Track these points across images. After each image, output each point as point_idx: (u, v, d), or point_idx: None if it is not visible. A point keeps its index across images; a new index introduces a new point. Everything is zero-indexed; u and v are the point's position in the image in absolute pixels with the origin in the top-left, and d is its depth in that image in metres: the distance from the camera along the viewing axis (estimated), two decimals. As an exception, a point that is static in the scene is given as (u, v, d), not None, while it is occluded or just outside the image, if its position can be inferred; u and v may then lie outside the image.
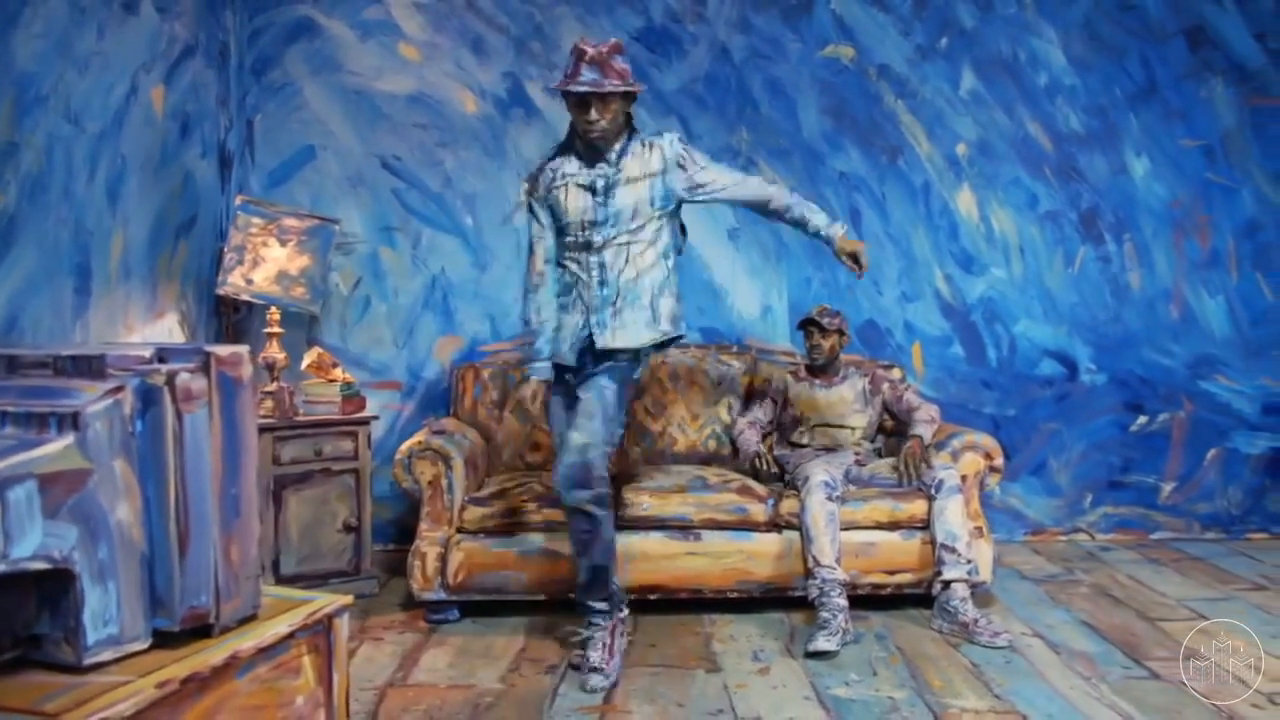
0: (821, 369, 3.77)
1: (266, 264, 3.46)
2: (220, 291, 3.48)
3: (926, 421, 3.58)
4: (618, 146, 2.87)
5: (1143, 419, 4.48)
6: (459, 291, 4.30)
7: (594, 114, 2.76)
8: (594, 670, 2.78)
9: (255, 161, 4.23)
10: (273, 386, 3.51)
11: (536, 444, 3.90)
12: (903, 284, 4.41)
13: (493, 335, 4.31)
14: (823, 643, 3.00)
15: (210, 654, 1.47)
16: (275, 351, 3.56)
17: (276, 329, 3.59)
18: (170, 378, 1.47)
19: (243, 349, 1.60)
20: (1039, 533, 4.47)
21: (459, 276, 4.30)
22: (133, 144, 3.40)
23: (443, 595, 3.31)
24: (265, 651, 1.57)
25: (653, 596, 3.33)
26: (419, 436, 3.45)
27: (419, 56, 4.24)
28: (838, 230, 2.97)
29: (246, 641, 1.53)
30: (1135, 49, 4.41)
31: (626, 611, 3.00)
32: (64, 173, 2.99)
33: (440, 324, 4.31)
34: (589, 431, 2.78)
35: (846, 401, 3.76)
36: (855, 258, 2.98)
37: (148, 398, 1.46)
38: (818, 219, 2.98)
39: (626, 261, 2.87)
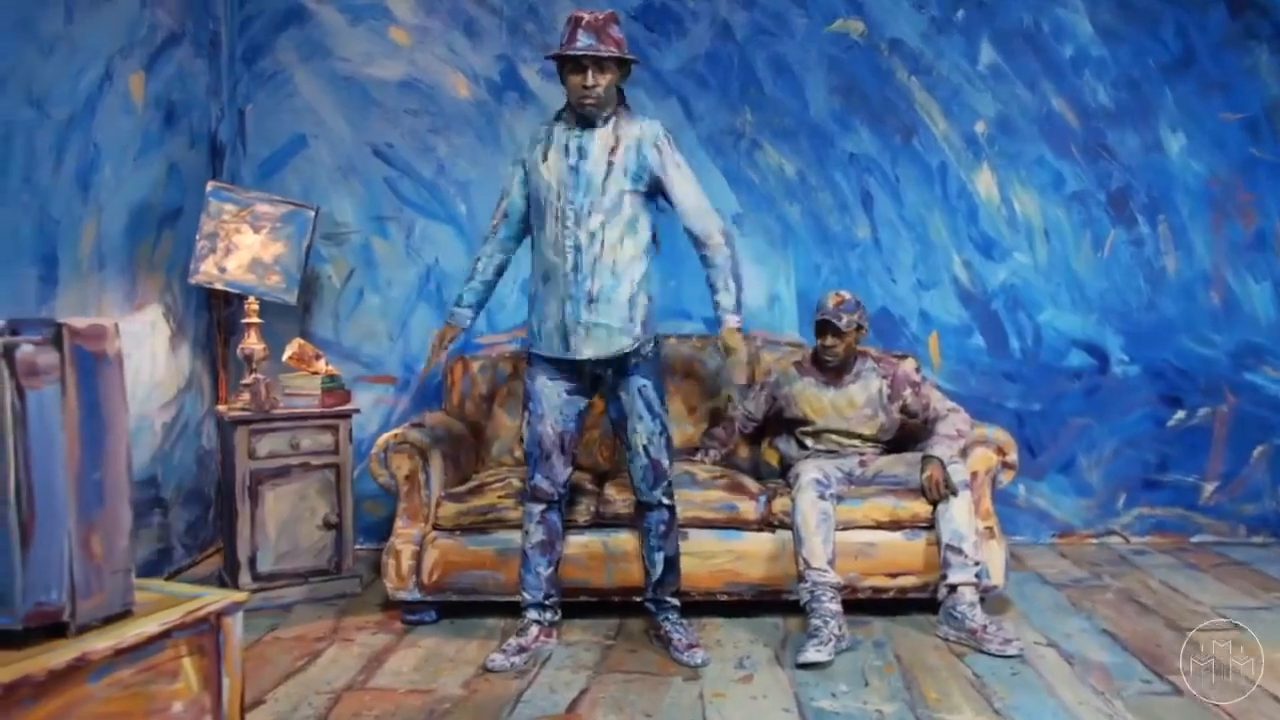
0: (833, 368, 3.45)
1: (239, 251, 3.36)
2: (193, 280, 3.39)
3: (949, 437, 3.19)
4: (603, 116, 2.81)
5: (1181, 414, 4.17)
6: (453, 282, 4.14)
7: (590, 79, 2.71)
8: (693, 647, 2.88)
9: (247, 151, 4.15)
10: (250, 378, 3.41)
11: (526, 439, 3.75)
12: (918, 271, 4.16)
13: (488, 327, 4.17)
14: (812, 653, 2.79)
15: (53, 656, 1.34)
16: (254, 342, 3.46)
17: (255, 319, 3.49)
18: (8, 350, 1.34)
19: (107, 322, 1.47)
20: (1067, 534, 4.19)
21: (453, 267, 4.16)
22: (107, 131, 3.32)
23: (417, 595, 3.17)
24: (127, 653, 1.43)
25: (637, 599, 3.14)
26: (397, 430, 3.33)
27: (410, 41, 4.12)
28: (732, 320, 2.84)
29: (100, 642, 1.39)
30: (1170, 16, 4.11)
31: (559, 615, 3.03)
32: (25, 158, 2.91)
33: (435, 316, 4.17)
34: (645, 431, 2.87)
35: (856, 406, 3.39)
36: (733, 351, 2.86)
37: (-17, 373, 1.33)
38: (726, 298, 2.84)
39: (603, 247, 2.77)
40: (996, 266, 4.16)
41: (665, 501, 2.93)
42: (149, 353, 3.57)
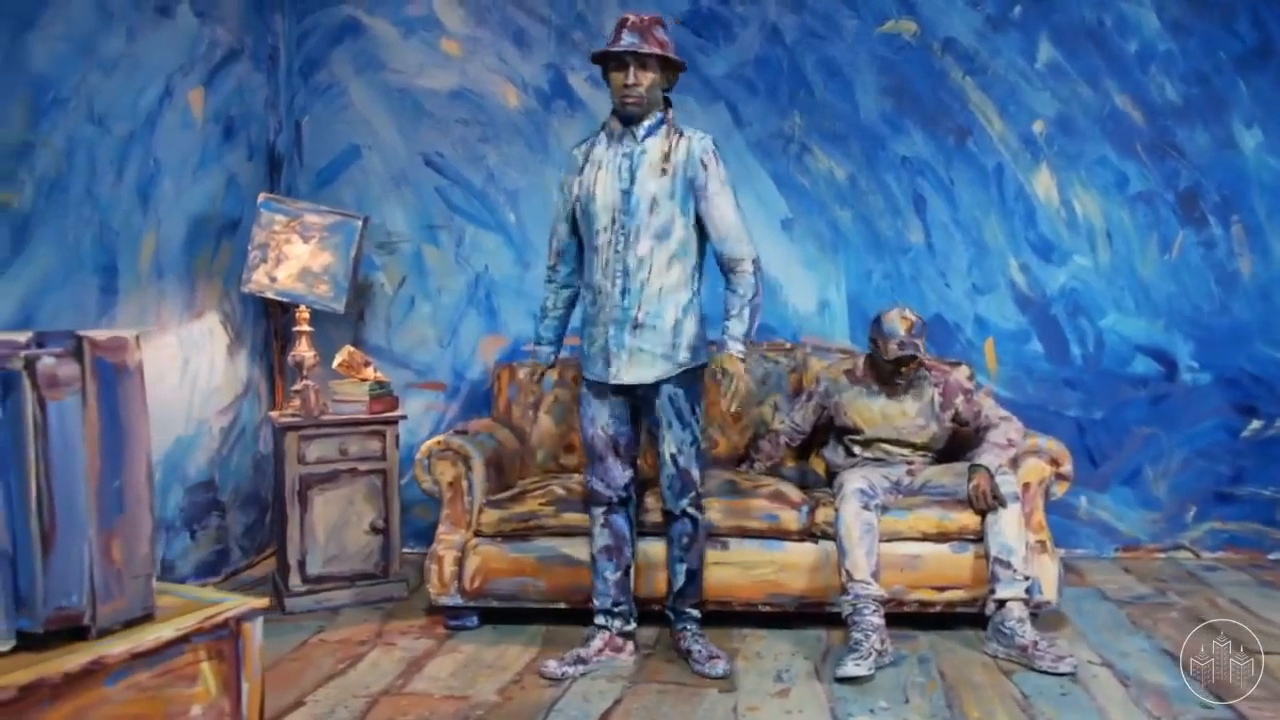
0: (888, 377, 3.31)
1: (289, 261, 3.44)
2: (245, 289, 3.49)
3: (999, 446, 3.10)
4: (648, 124, 2.79)
5: (1257, 423, 3.98)
6: (502, 290, 4.21)
7: (632, 76, 2.71)
8: (714, 658, 2.82)
9: (303, 163, 4.25)
10: (300, 385, 3.48)
11: (571, 445, 3.76)
12: (973, 275, 4.05)
13: (533, 334, 4.18)
14: (851, 667, 2.72)
15: (70, 658, 1.38)
16: (304, 350, 3.54)
17: (305, 327, 3.57)
18: (30, 363, 1.38)
19: (128, 333, 1.51)
20: (1132, 549, 4.02)
21: (502, 275, 4.21)
22: (167, 146, 3.44)
23: (459, 601, 3.20)
24: (145, 656, 1.46)
25: (656, 607, 3.11)
26: (440, 436, 3.36)
27: (460, 51, 4.17)
28: (735, 348, 2.74)
29: (117, 645, 1.43)
30: (1245, 6, 3.93)
31: (632, 625, 2.96)
32: (86, 173, 3.03)
33: (484, 323, 4.22)
34: (674, 439, 2.82)
35: (908, 415, 3.30)
36: (729, 378, 2.72)
37: (5, 384, 1.38)
38: (738, 325, 2.76)
39: (651, 273, 2.75)
40: (1056, 270, 4.03)
41: (691, 513, 2.88)
42: (207, 359, 3.68)
